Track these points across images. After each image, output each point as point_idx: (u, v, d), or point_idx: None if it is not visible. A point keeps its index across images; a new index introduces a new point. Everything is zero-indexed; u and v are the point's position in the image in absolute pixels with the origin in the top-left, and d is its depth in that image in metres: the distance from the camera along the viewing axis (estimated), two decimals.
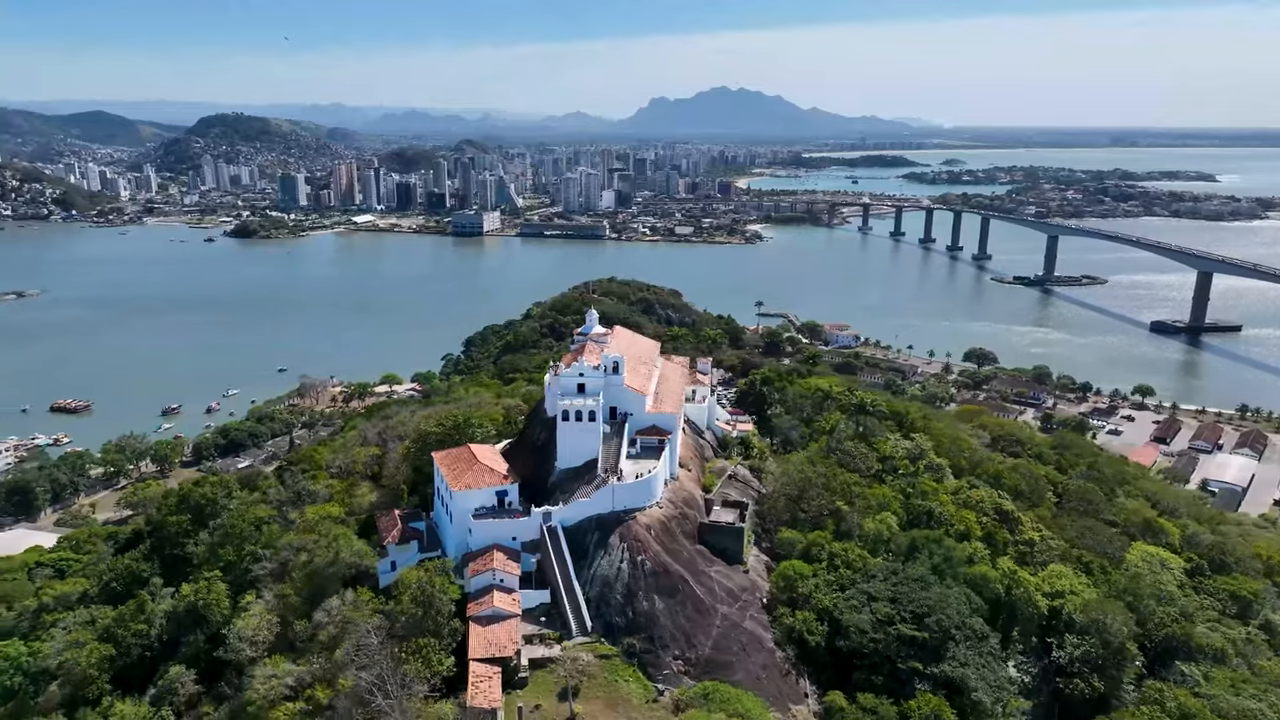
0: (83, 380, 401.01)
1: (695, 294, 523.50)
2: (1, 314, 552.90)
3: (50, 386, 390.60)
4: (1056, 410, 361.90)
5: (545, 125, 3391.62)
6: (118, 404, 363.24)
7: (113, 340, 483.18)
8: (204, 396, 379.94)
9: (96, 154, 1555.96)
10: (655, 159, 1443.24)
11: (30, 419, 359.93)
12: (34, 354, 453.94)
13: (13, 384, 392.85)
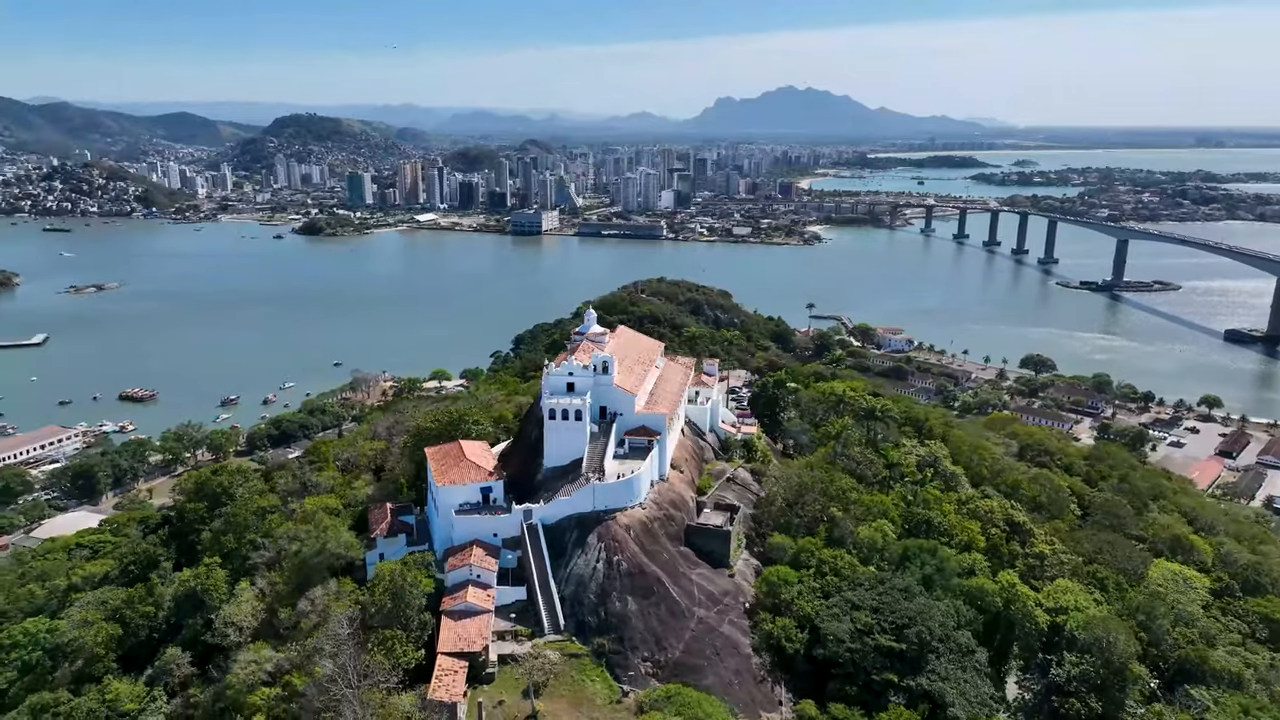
0: (150, 370, 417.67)
1: (748, 295, 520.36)
2: (82, 305, 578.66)
3: (120, 376, 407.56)
4: (1115, 420, 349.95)
5: (610, 125, 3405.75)
6: (181, 394, 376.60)
7: (181, 332, 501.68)
8: (262, 388, 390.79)
9: (178, 153, 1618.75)
10: (717, 159, 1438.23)
11: (100, 407, 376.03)
12: (108, 344, 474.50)
13: (87, 373, 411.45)
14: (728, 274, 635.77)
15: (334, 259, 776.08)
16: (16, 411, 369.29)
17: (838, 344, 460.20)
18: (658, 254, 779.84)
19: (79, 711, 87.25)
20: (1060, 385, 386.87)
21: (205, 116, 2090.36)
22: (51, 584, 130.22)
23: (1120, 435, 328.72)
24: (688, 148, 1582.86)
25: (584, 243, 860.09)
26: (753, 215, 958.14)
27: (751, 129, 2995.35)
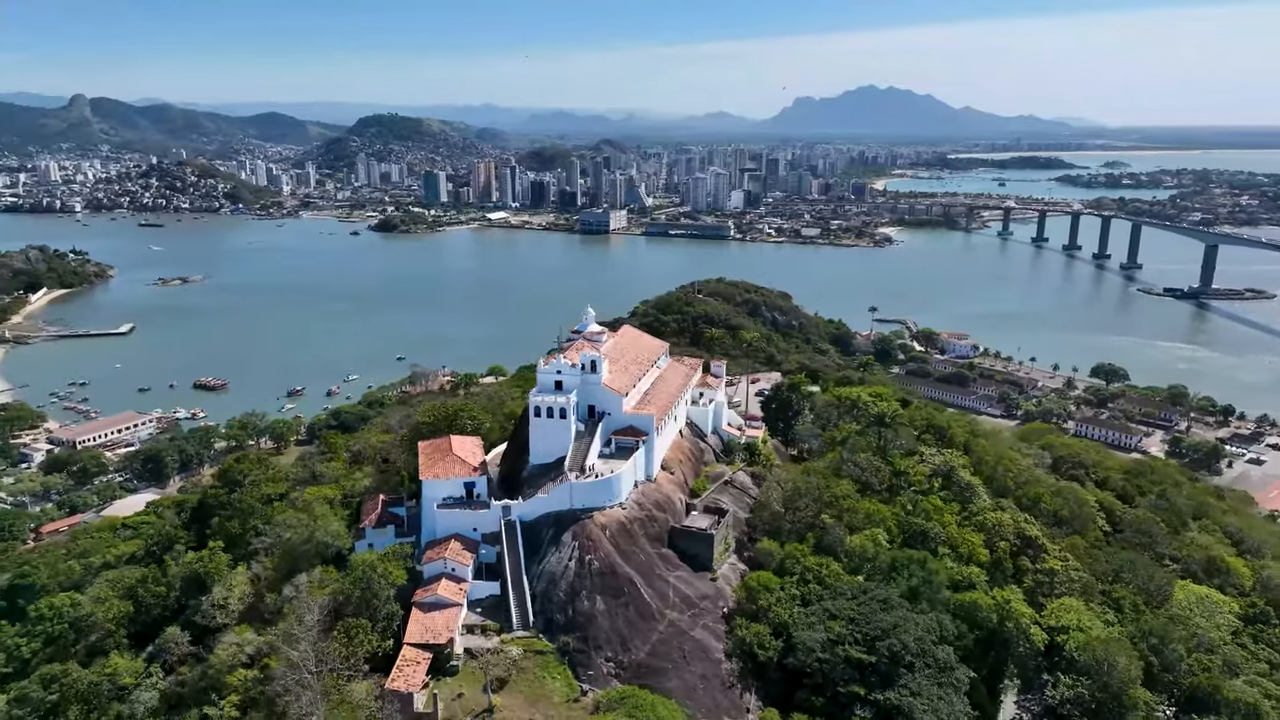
0: (225, 360, 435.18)
1: (811, 297, 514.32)
2: (168, 297, 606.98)
3: (197, 365, 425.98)
4: (1190, 434, 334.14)
5: (686, 125, 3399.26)
6: (251, 384, 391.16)
7: (257, 324, 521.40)
8: (327, 380, 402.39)
9: (267, 152, 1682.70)
10: (792, 159, 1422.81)
11: (176, 394, 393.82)
12: (188, 335, 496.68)
13: (167, 361, 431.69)
14: (792, 275, 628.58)
15: (405, 255, 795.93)
16: (101, 396, 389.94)
17: (899, 348, 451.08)
18: (723, 254, 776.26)
19: (81, 682, 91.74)
20: (1132, 396, 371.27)
21: (295, 117, 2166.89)
22: (87, 561, 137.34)
23: (1193, 450, 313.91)
24: (761, 148, 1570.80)
25: (650, 242, 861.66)
26: (823, 216, 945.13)
27: (830, 129, 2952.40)
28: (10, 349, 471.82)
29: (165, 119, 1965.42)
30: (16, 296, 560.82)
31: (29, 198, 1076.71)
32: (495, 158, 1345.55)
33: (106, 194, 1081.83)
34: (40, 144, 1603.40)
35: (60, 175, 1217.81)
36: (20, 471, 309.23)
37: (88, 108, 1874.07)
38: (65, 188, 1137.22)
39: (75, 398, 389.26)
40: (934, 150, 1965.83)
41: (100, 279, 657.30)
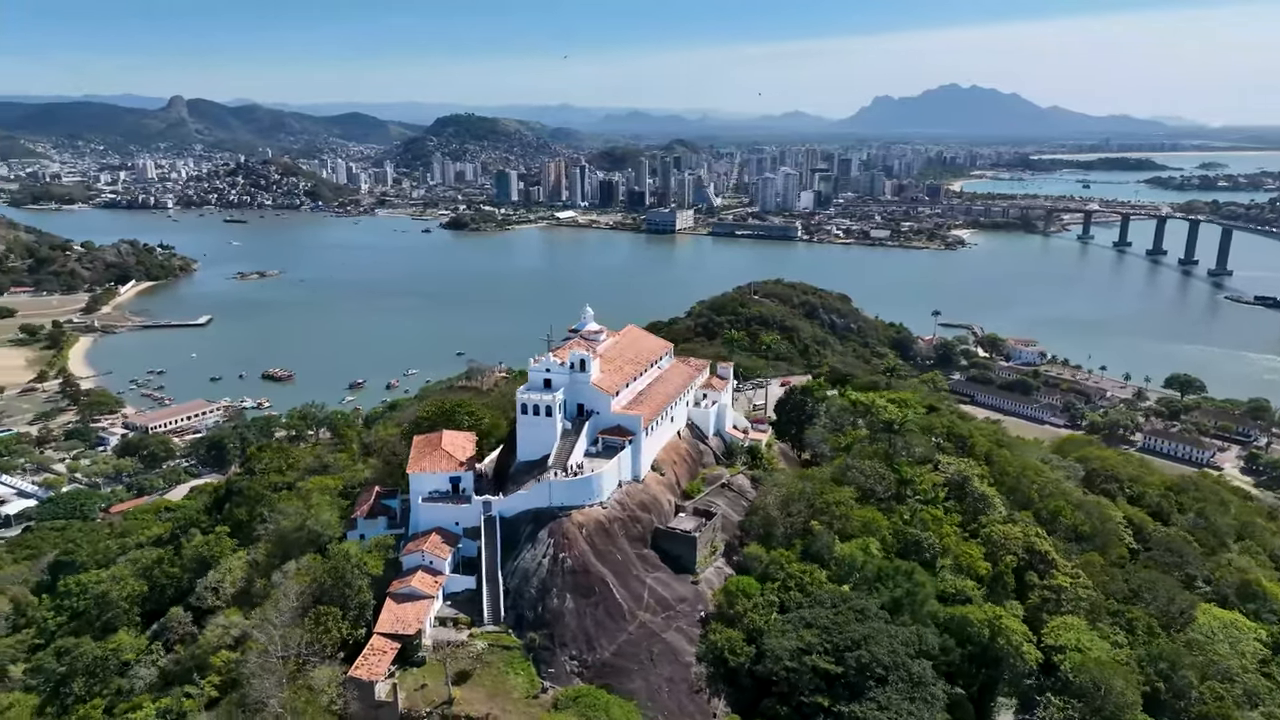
0: (293, 352, 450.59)
1: (875, 299, 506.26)
2: (245, 290, 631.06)
3: (266, 356, 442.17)
4: (1269, 450, 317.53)
5: (762, 125, 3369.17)
6: (316, 375, 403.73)
7: (326, 318, 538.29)
8: (387, 373, 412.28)
9: (349, 151, 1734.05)
10: (866, 159, 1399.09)
11: (244, 384, 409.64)
12: (261, 327, 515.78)
13: (239, 352, 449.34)
14: (857, 277, 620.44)
15: (473, 253, 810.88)
16: (176, 384, 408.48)
17: (961, 354, 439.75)
18: (788, 255, 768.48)
19: (87, 656, 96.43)
20: (1207, 409, 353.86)
21: (377, 117, 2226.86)
22: (124, 540, 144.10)
23: (1271, 467, 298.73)
24: (837, 148, 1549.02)
25: (717, 242, 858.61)
26: (894, 218, 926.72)
27: (910, 129, 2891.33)
28: (99, 337, 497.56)
29: (254, 119, 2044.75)
30: (107, 288, 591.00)
31: (127, 194, 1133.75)
32: (566, 157, 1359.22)
33: (196, 191, 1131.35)
34: (141, 143, 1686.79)
35: (156, 173, 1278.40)
36: (96, 454, 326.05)
37: (184, 108, 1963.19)
38: (160, 185, 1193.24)
39: (152, 385, 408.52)
40: (1016, 151, 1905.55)
41: (185, 272, 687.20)
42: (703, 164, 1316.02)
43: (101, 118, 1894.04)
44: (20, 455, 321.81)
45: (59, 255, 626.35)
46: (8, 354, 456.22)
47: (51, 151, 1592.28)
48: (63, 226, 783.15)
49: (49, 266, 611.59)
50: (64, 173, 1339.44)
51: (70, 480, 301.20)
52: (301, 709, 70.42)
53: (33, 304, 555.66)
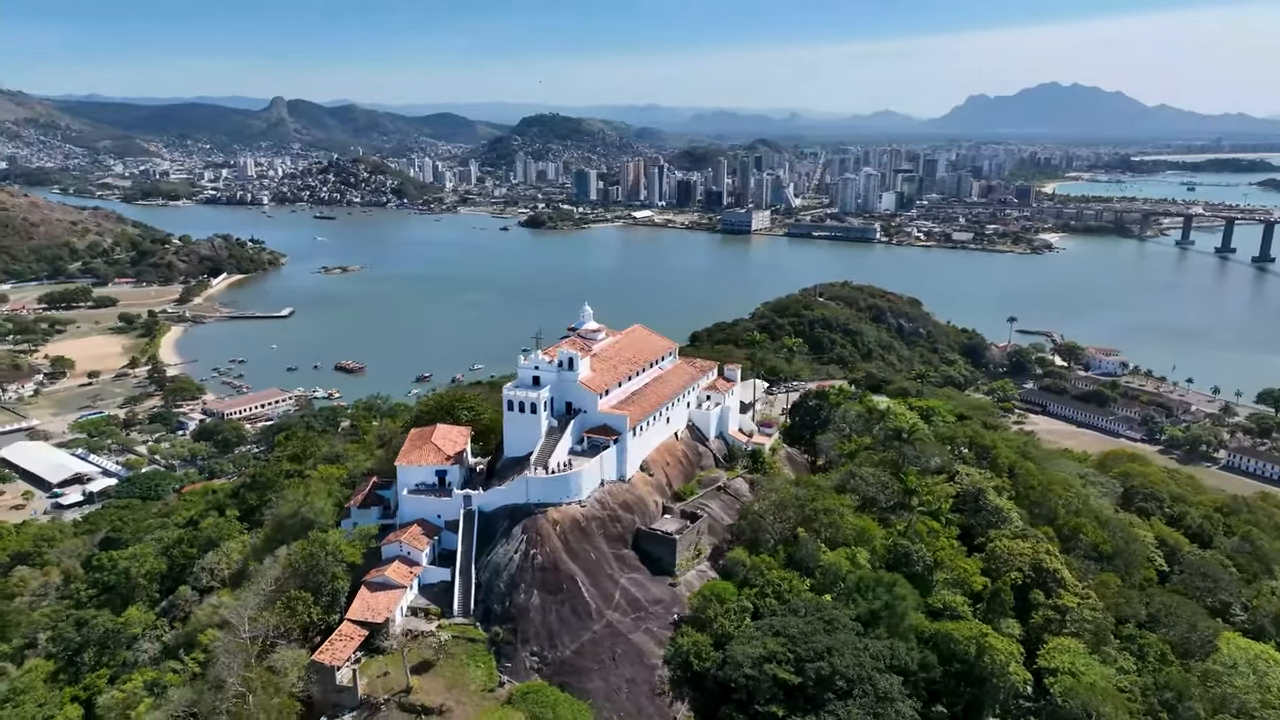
0: (367, 345, 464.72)
1: (950, 304, 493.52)
2: (329, 284, 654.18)
3: (341, 348, 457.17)
4: None
5: (850, 125, 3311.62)
6: (386, 368, 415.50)
7: (401, 312, 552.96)
8: (454, 368, 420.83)
9: (438, 150, 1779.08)
10: (955, 160, 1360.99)
11: (318, 375, 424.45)
12: (339, 319, 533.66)
13: (316, 344, 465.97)
14: (934, 281, 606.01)
15: (548, 250, 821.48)
16: (255, 373, 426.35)
17: (1036, 362, 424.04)
18: (865, 257, 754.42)
19: (99, 628, 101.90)
20: None
21: (466, 117, 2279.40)
22: (165, 520, 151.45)
23: None
24: (923, 148, 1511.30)
25: (792, 243, 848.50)
26: (979, 220, 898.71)
27: (1005, 128, 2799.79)
28: (189, 327, 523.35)
29: (350, 119, 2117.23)
30: (200, 280, 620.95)
31: (227, 191, 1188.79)
32: (646, 157, 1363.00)
33: (290, 188, 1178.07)
34: (243, 142, 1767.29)
35: (255, 171, 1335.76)
36: (175, 438, 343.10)
37: (285, 109, 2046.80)
38: (257, 182, 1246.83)
39: (232, 374, 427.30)
40: (1117, 152, 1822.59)
41: (273, 266, 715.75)
42: (784, 164, 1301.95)
43: (210, 118, 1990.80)
44: (108, 436, 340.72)
45: (158, 249, 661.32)
46: (107, 341, 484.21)
47: (163, 150, 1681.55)
48: (166, 221, 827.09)
49: (149, 259, 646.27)
50: (172, 170, 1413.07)
51: (150, 462, 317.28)
52: (259, 688, 72.89)
53: (133, 294, 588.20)
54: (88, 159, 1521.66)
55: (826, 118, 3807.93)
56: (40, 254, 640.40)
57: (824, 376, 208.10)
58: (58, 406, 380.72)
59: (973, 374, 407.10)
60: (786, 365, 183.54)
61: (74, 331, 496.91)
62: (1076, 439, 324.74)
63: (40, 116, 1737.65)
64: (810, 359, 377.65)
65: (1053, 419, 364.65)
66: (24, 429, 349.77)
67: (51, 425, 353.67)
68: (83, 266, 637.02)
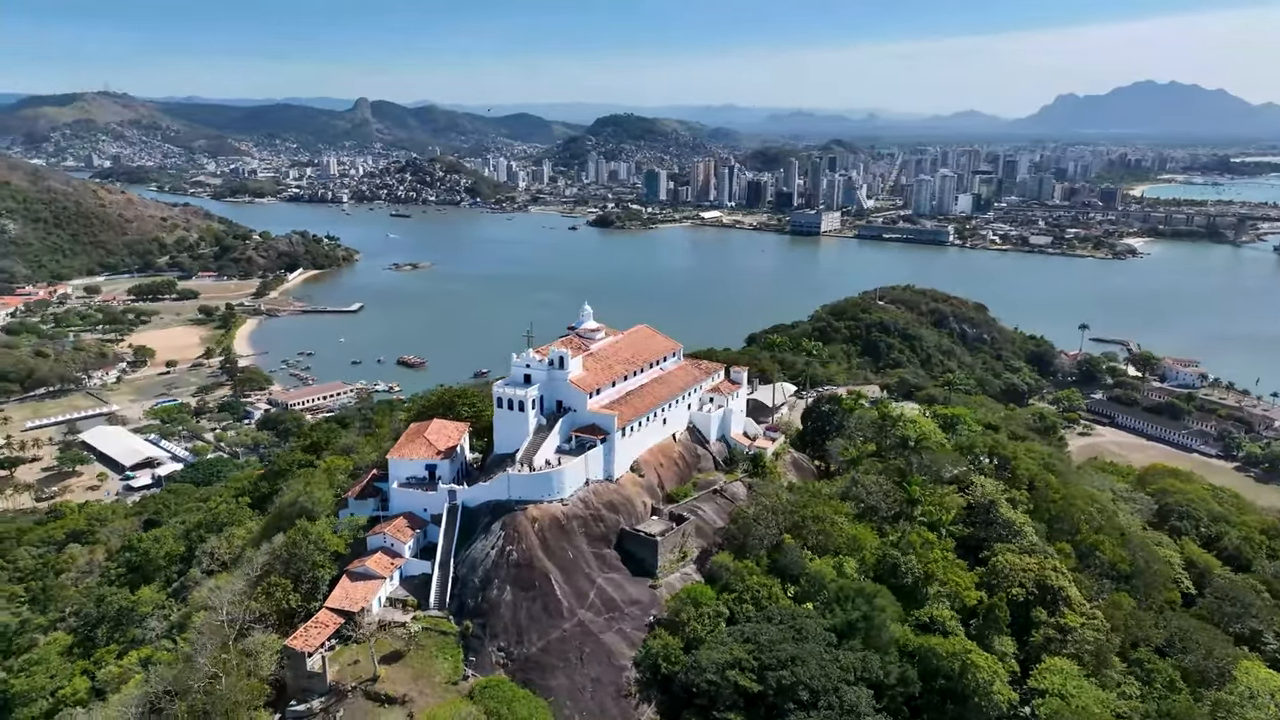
0: (430, 340, 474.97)
1: (1021, 310, 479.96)
2: (398, 280, 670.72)
3: (405, 343, 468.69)
4: None
5: (931, 125, 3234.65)
6: (447, 363, 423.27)
7: (465, 309, 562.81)
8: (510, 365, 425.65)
9: (514, 149, 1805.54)
10: (1040, 160, 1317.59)
11: (380, 369, 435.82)
12: (406, 315, 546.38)
13: (382, 338, 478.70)
14: (1007, 285, 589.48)
15: (616, 249, 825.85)
16: (321, 366, 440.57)
17: (1107, 371, 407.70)
18: (936, 260, 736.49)
19: (113, 606, 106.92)
20: None
21: (542, 117, 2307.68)
22: (204, 505, 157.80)
23: None
24: (1005, 149, 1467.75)
25: (862, 245, 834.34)
26: (1059, 224, 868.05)
27: (1095, 129, 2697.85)
28: (263, 320, 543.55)
29: (430, 119, 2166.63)
30: (276, 275, 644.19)
31: (309, 189, 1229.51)
32: (717, 157, 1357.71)
33: (369, 187, 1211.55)
34: (328, 142, 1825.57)
35: (338, 170, 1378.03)
36: (241, 426, 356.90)
37: (368, 109, 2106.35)
38: (338, 181, 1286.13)
39: (300, 366, 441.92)
40: (1215, 153, 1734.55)
41: (347, 262, 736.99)
42: (858, 165, 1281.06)
43: (298, 119, 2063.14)
44: (179, 423, 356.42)
45: (240, 244, 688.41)
46: (186, 332, 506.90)
47: (253, 149, 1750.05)
48: (251, 218, 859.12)
49: (231, 254, 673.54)
50: (260, 169, 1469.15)
51: (215, 449, 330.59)
52: (229, 670, 75.41)
53: (214, 287, 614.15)
54: (184, 158, 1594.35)
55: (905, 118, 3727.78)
56: (132, 248, 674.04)
57: (861, 381, 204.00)
58: (137, 393, 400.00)
59: (1038, 382, 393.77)
60: (821, 369, 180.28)
61: (157, 322, 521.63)
62: (1145, 452, 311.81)
63: (143, 118, 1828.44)
64: (867, 364, 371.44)
65: (1121, 431, 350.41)
66: (104, 414, 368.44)
67: (129, 411, 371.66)
68: (170, 260, 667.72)
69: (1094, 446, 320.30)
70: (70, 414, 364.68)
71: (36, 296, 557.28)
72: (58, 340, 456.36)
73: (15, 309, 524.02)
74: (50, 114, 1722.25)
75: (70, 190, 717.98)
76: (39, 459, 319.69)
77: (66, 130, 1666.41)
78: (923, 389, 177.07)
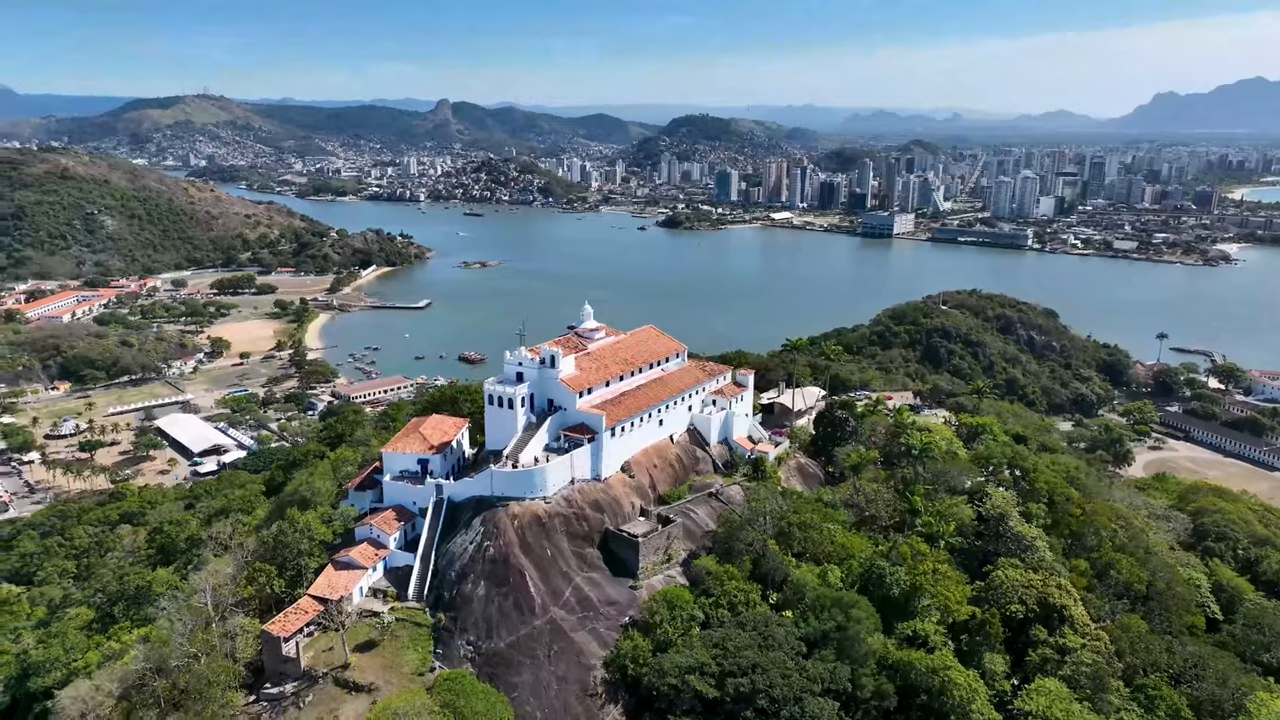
0: (492, 337, 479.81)
1: (1097, 317, 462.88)
2: (466, 278, 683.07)
3: (468, 339, 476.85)
4: None
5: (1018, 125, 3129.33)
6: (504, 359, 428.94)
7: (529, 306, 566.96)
8: None
9: (590, 150, 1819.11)
10: (1131, 162, 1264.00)
11: (441, 364, 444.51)
12: (471, 312, 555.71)
13: (447, 334, 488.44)
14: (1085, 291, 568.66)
15: (681, 250, 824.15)
16: (386, 360, 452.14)
17: (1186, 383, 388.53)
18: (1012, 264, 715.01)
19: (133, 584, 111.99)
20: None
21: (619, 118, 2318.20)
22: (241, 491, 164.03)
23: None
24: (1095, 150, 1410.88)
25: (936, 248, 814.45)
26: (1147, 228, 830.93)
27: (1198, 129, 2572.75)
28: (335, 315, 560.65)
29: (509, 120, 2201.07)
30: (350, 271, 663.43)
31: (389, 188, 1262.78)
32: (790, 158, 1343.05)
33: (445, 186, 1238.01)
34: (410, 142, 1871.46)
35: (418, 169, 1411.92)
36: (304, 417, 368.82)
37: (449, 110, 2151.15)
38: (417, 180, 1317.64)
39: (365, 360, 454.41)
40: None
41: (419, 260, 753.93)
42: (937, 166, 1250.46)
43: (382, 119, 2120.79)
44: (247, 413, 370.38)
45: (317, 241, 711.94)
46: (262, 325, 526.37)
47: (338, 149, 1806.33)
48: (332, 215, 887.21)
49: (308, 250, 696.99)
50: (344, 168, 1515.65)
51: (278, 438, 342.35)
52: (208, 650, 78.30)
53: (291, 282, 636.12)
54: (273, 157, 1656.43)
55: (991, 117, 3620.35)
56: (217, 244, 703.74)
57: (899, 386, 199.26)
58: (211, 383, 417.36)
59: (1108, 393, 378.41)
60: (854, 374, 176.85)
61: (235, 315, 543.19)
62: (1221, 469, 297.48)
63: (238, 119, 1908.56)
64: (925, 370, 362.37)
65: (1196, 446, 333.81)
66: (179, 402, 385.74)
67: (202, 400, 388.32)
68: (251, 256, 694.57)
69: (1164, 461, 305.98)
70: (148, 401, 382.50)
71: (128, 289, 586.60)
72: (142, 331, 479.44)
73: (108, 300, 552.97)
74: (154, 116, 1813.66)
75: (163, 188, 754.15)
76: (117, 443, 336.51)
77: (167, 131, 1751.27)
78: (955, 396, 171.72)
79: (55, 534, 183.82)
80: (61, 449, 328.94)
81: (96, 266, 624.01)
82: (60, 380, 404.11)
